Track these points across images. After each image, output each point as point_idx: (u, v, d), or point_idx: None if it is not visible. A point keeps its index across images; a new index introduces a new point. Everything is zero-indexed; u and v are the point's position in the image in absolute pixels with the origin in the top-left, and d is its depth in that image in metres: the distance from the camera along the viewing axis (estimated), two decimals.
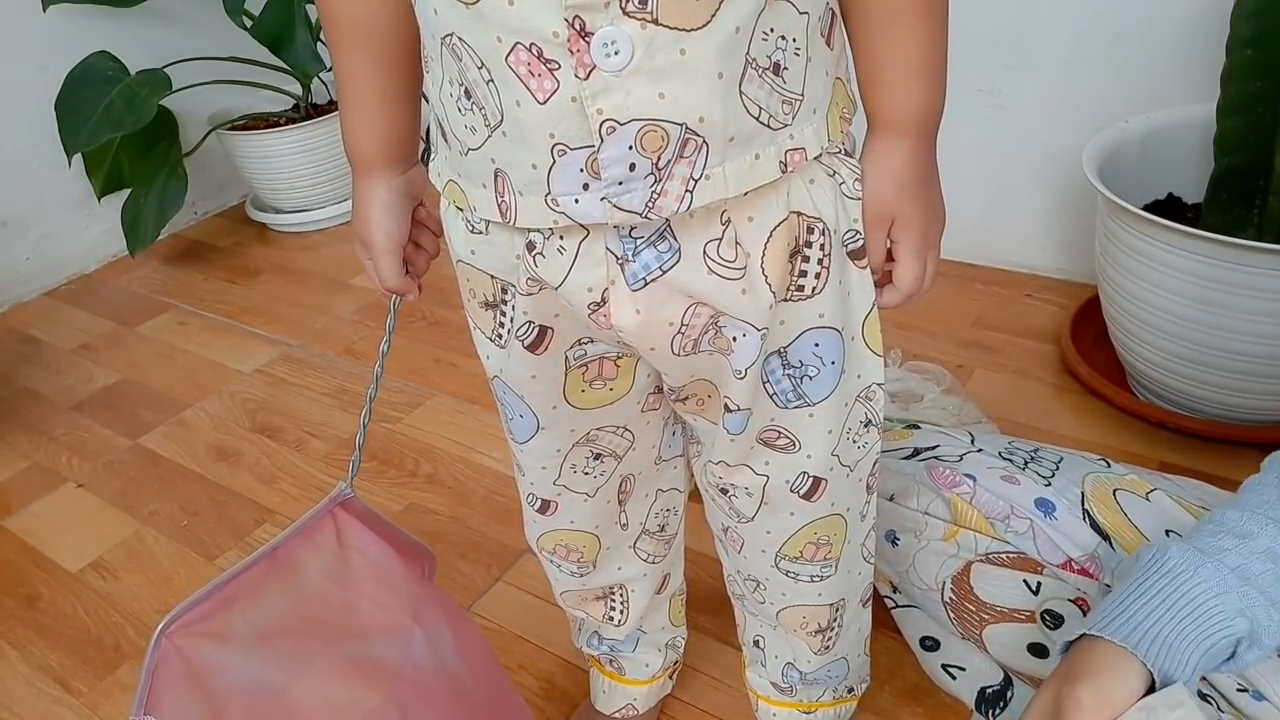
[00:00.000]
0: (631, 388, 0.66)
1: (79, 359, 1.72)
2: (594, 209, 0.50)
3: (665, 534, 0.82)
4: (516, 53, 0.47)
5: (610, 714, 0.93)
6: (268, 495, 1.33)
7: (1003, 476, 0.86)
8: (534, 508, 0.76)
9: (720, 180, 0.50)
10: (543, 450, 0.70)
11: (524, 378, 0.64)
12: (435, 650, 0.73)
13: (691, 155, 0.49)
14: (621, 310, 0.55)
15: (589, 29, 0.45)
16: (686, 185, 0.50)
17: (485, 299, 0.62)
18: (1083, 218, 1.44)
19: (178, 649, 0.66)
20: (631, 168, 0.49)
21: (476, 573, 1.15)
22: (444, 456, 1.35)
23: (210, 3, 1.86)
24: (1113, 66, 1.34)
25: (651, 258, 0.53)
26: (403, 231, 0.65)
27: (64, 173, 1.87)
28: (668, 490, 0.79)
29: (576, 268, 0.54)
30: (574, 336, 0.61)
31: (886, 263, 0.60)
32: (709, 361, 0.61)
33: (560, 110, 0.48)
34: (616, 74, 0.46)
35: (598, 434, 0.69)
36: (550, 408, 0.66)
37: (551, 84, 0.47)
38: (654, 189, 0.50)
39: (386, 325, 0.75)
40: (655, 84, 0.47)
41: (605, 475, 0.73)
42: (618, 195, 0.50)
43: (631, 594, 0.84)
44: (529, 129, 0.49)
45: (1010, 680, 0.87)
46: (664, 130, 0.48)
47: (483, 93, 0.50)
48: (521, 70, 0.47)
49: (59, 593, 1.20)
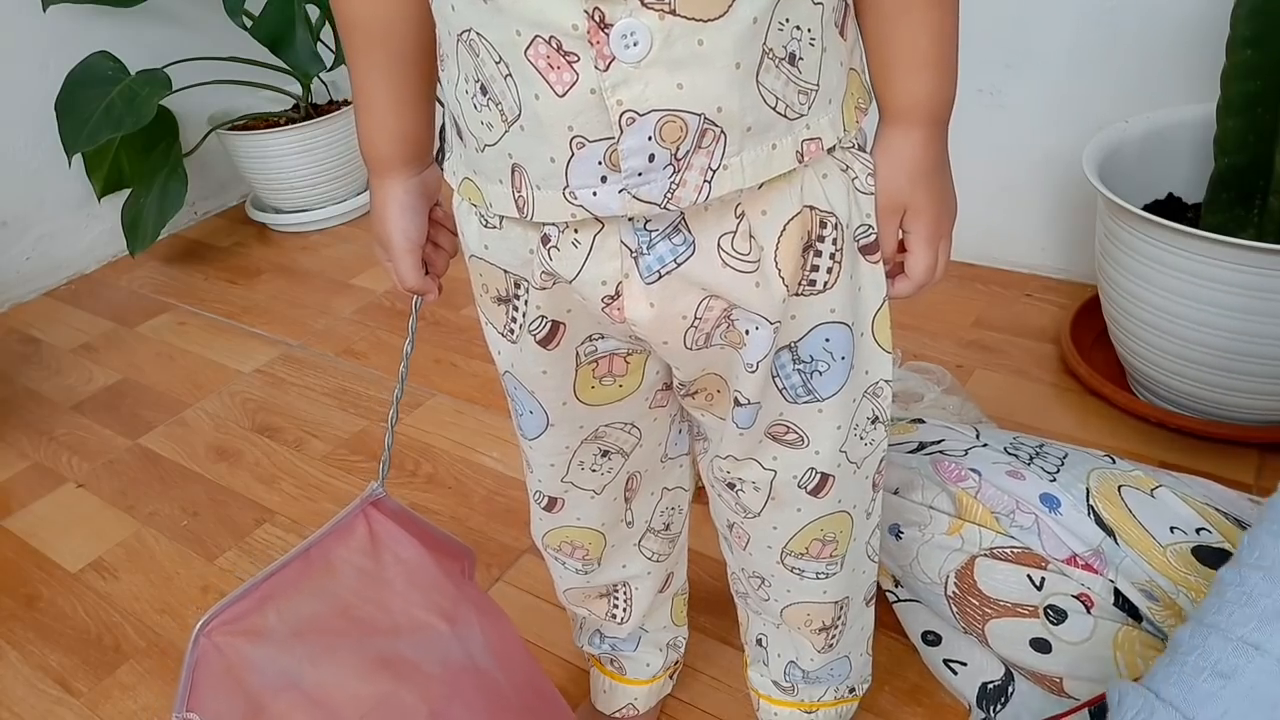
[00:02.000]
0: (641, 384, 0.67)
1: (79, 359, 1.72)
2: (612, 201, 0.51)
3: (670, 532, 0.82)
4: (535, 46, 0.47)
5: (611, 714, 0.93)
6: (268, 495, 1.32)
7: (1008, 471, 0.86)
8: (540, 505, 0.76)
9: (738, 170, 0.50)
10: (552, 447, 0.70)
11: (535, 373, 0.64)
12: (465, 647, 0.74)
13: (710, 146, 0.49)
14: (635, 303, 0.55)
15: (608, 21, 0.46)
16: (705, 176, 0.50)
17: (498, 294, 0.62)
18: (1083, 218, 1.44)
19: (216, 647, 0.67)
20: (651, 158, 0.49)
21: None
22: (444, 456, 1.35)
23: (210, 3, 1.86)
24: (1112, 66, 1.34)
25: (666, 250, 0.54)
26: (420, 232, 0.65)
27: (64, 173, 1.87)
28: (673, 489, 0.80)
29: (591, 261, 0.54)
30: (586, 332, 0.61)
31: (899, 253, 0.61)
32: (720, 355, 0.61)
33: (579, 103, 0.48)
34: (635, 65, 0.47)
35: (606, 430, 0.70)
36: (560, 404, 0.66)
37: (570, 76, 0.47)
38: (673, 179, 0.50)
39: (409, 326, 0.75)
40: (673, 75, 0.47)
41: (612, 473, 0.73)
42: (636, 186, 0.50)
43: (635, 592, 0.84)
44: (548, 122, 0.49)
45: (1011, 675, 0.87)
46: (683, 120, 0.48)
47: (500, 88, 0.50)
48: (541, 64, 0.48)
49: (59, 593, 1.20)
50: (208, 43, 1.96)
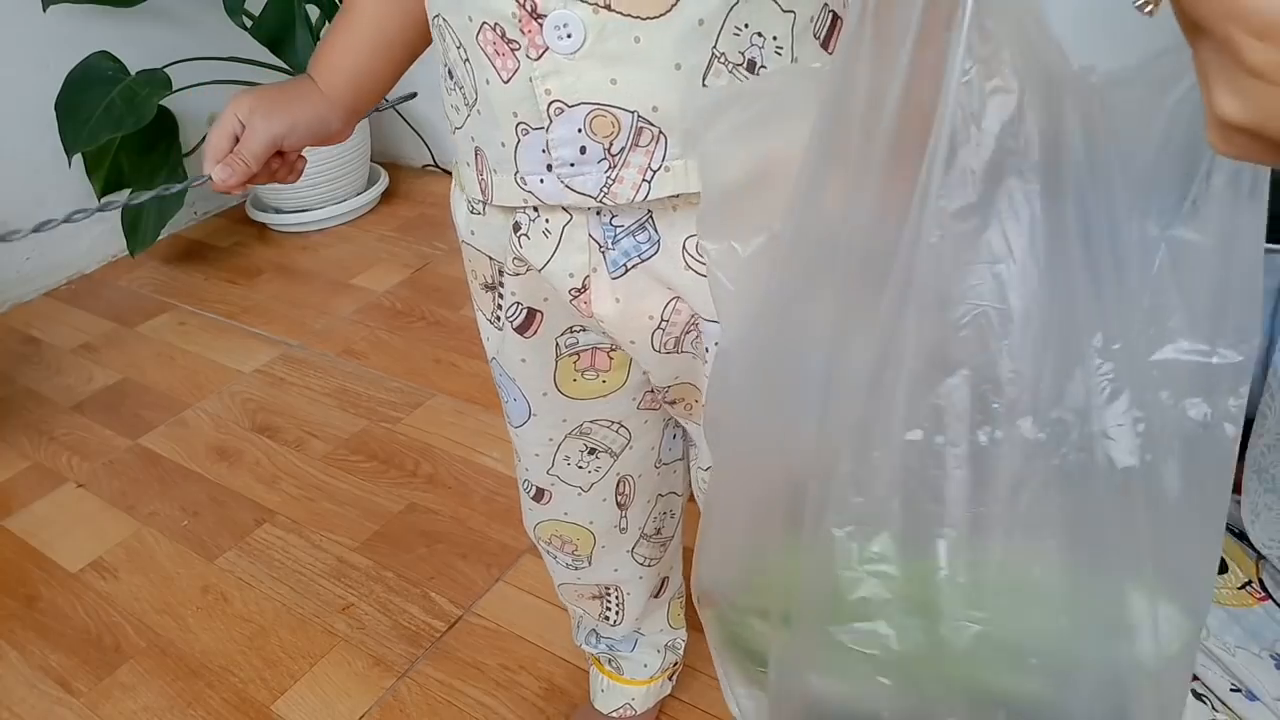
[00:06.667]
0: (626, 382, 0.67)
1: (79, 359, 1.72)
2: (554, 188, 0.51)
3: (661, 536, 0.82)
4: (484, 32, 0.49)
5: (608, 713, 0.93)
6: (268, 495, 1.33)
7: None
8: (529, 494, 0.76)
9: (681, 174, 0.50)
10: (535, 437, 0.70)
11: (515, 360, 0.65)
12: None
13: (649, 145, 0.49)
14: (602, 298, 0.56)
15: (540, 11, 0.46)
16: (644, 175, 0.50)
17: (485, 280, 0.63)
18: None
19: None
20: (582, 150, 0.49)
21: (476, 573, 1.15)
22: (444, 456, 1.35)
23: (210, 3, 1.86)
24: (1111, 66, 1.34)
25: (630, 246, 0.54)
26: (264, 129, 0.63)
27: (64, 173, 1.87)
28: (667, 494, 0.80)
29: (560, 252, 0.55)
30: (565, 323, 0.62)
31: None
32: (693, 364, 0.61)
33: (521, 90, 0.49)
34: (569, 56, 0.47)
35: (592, 427, 0.70)
36: (540, 394, 0.67)
37: (513, 64, 0.48)
38: (609, 174, 0.50)
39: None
40: (607, 69, 0.47)
41: (600, 472, 0.73)
42: (570, 177, 0.51)
43: (627, 596, 0.84)
44: (497, 107, 0.50)
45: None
46: (614, 116, 0.48)
47: (461, 72, 0.52)
48: (489, 49, 0.49)
49: (59, 593, 1.20)
50: (208, 43, 1.96)
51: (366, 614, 1.12)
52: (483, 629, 1.08)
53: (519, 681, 1.02)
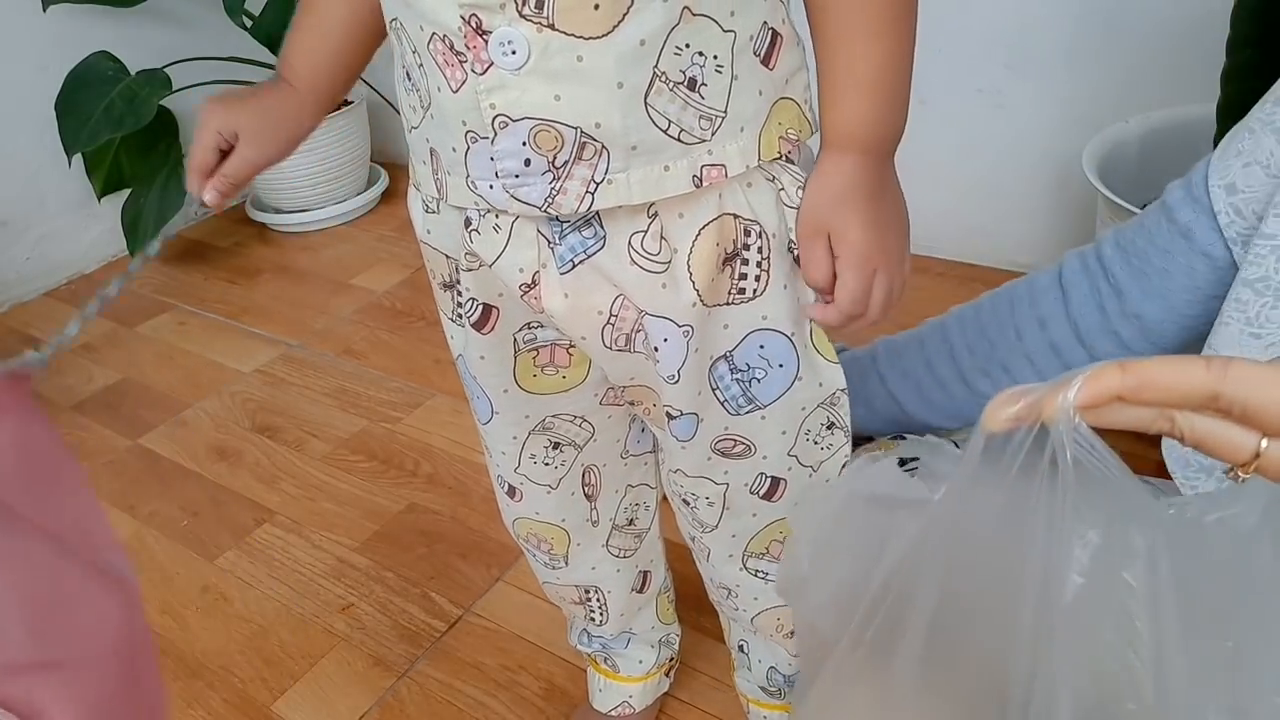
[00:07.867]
0: (586, 378, 0.67)
1: (79, 359, 1.72)
2: (502, 197, 0.52)
3: (635, 528, 0.82)
4: (434, 42, 0.50)
5: (607, 712, 0.93)
6: (268, 495, 1.33)
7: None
8: (503, 490, 0.77)
9: (624, 186, 0.51)
10: (501, 435, 0.71)
11: (474, 358, 0.66)
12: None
13: (591, 159, 0.50)
14: (551, 293, 0.56)
15: (485, 28, 0.47)
16: (587, 187, 0.51)
17: (443, 279, 0.64)
18: (1083, 218, 1.44)
19: None
20: (526, 163, 0.50)
21: (476, 573, 1.15)
22: (444, 456, 1.35)
23: (210, 3, 1.86)
24: (1112, 67, 1.34)
25: (576, 242, 0.55)
26: (254, 157, 0.65)
27: (64, 173, 1.87)
28: (637, 485, 0.79)
29: (510, 248, 0.56)
30: (521, 319, 0.62)
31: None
32: (644, 364, 0.61)
33: (468, 101, 0.50)
34: (514, 72, 0.48)
35: (554, 421, 0.70)
36: (501, 390, 0.67)
37: (461, 75, 0.49)
38: (553, 186, 0.51)
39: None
40: (551, 86, 0.48)
41: (566, 465, 0.73)
42: (515, 187, 0.52)
43: (608, 595, 0.83)
44: (447, 114, 0.52)
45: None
46: (558, 131, 0.49)
47: (417, 76, 0.53)
48: (439, 59, 0.50)
49: None
50: (208, 43, 1.96)
51: (366, 614, 1.12)
52: (482, 629, 1.08)
53: (519, 681, 1.02)
